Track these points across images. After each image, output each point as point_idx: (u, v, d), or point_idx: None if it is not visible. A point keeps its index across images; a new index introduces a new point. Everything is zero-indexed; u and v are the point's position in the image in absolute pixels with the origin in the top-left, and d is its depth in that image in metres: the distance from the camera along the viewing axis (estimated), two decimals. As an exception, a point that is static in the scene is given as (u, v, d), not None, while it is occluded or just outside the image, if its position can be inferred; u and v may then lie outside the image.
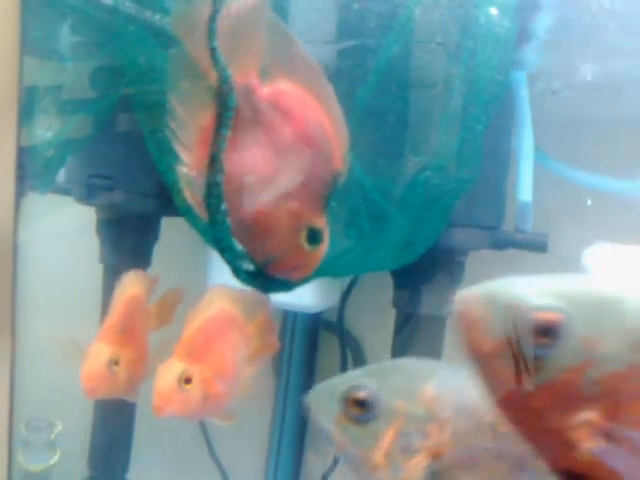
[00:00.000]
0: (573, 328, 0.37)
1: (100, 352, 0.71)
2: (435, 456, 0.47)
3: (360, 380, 0.50)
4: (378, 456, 0.48)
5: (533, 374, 0.37)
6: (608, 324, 0.37)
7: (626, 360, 0.37)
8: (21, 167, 0.64)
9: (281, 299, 0.67)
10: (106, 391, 0.72)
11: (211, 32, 0.52)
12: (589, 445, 0.37)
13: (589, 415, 0.37)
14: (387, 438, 0.48)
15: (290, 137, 0.53)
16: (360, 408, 0.49)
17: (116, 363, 0.72)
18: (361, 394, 0.49)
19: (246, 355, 0.70)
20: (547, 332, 0.37)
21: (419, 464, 0.47)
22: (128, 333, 0.74)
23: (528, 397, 0.37)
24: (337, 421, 0.49)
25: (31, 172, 0.75)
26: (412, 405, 0.48)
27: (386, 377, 0.50)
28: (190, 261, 0.98)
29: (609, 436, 0.37)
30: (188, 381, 0.64)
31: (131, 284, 0.77)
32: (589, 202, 0.88)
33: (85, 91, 0.84)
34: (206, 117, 0.52)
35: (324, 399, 0.50)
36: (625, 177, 0.85)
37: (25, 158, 0.68)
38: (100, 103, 0.83)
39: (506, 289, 0.39)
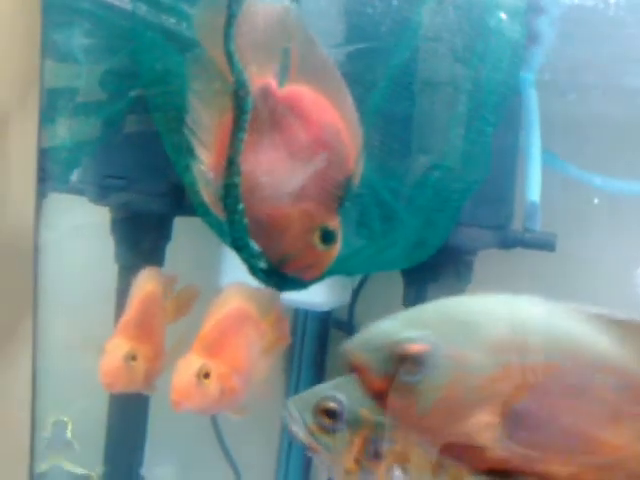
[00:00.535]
0: (438, 350, 0.41)
1: (118, 347, 0.73)
2: (401, 460, 0.50)
3: (330, 392, 0.54)
4: (349, 461, 0.51)
5: (420, 399, 0.41)
6: (467, 338, 0.42)
7: (492, 363, 0.41)
8: (42, 169, 0.66)
9: (293, 297, 0.69)
10: (124, 385, 0.74)
11: (227, 37, 0.53)
12: (491, 446, 0.40)
13: (484, 418, 0.40)
14: (356, 445, 0.51)
15: (305, 139, 0.54)
16: (330, 418, 0.53)
17: (133, 358, 0.74)
18: (331, 405, 0.53)
19: (260, 350, 0.71)
20: (416, 361, 0.41)
21: (388, 467, 0.50)
22: (145, 328, 0.76)
23: (427, 419, 0.42)
24: (311, 430, 0.53)
25: (49, 173, 0.77)
26: (377, 414, 0.51)
27: (353, 389, 0.50)
28: (203, 260, 1.00)
29: (507, 434, 0.40)
30: (206, 376, 0.65)
31: (148, 281, 0.79)
32: (596, 201, 0.89)
33: (100, 94, 0.86)
34: (225, 119, 0.54)
35: (299, 410, 0.54)
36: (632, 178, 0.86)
37: (46, 160, 0.70)
38: (114, 105, 0.85)
39: (376, 332, 0.43)
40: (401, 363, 0.41)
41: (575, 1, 0.80)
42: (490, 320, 0.43)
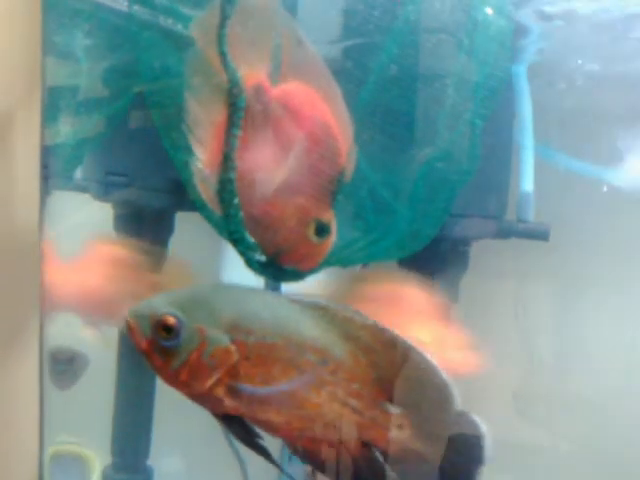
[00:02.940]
0: (186, 323, 0.55)
1: None
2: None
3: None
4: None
5: (172, 359, 0.56)
6: (210, 317, 0.56)
7: (225, 339, 0.55)
8: (45, 166, 0.68)
9: (290, 289, 0.70)
10: None
11: (221, 37, 0.55)
12: (226, 398, 0.56)
13: (217, 378, 0.56)
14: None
15: (298, 135, 0.56)
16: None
17: None
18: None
19: None
20: (169, 330, 0.55)
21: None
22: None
23: (176, 374, 0.56)
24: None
25: (53, 171, 0.78)
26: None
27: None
28: (204, 254, 1.01)
29: (235, 390, 0.56)
30: None
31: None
32: (605, 189, 0.90)
33: (101, 91, 0.87)
34: (220, 116, 0.56)
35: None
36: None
37: (49, 157, 0.72)
38: (115, 103, 0.87)
39: (142, 306, 0.57)
40: (158, 330, 0.55)
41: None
42: (228, 306, 0.57)
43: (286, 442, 0.58)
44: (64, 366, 1.00)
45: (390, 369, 0.56)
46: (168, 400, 0.99)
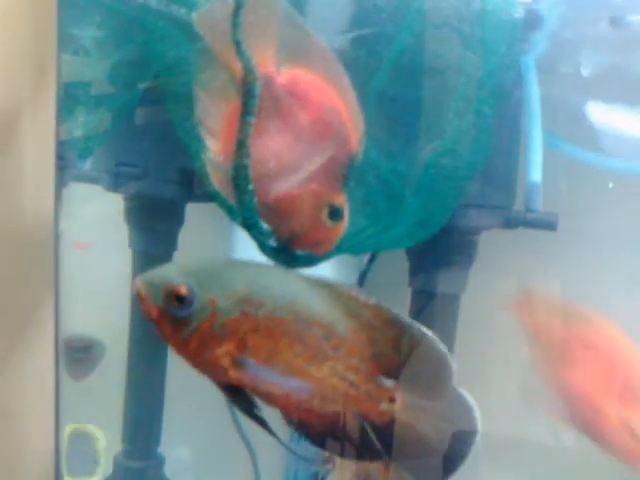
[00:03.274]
0: (198, 294, 0.56)
1: None
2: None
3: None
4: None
5: (182, 328, 0.56)
6: (221, 287, 0.57)
7: (236, 311, 0.57)
8: (61, 158, 0.69)
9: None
10: None
11: (235, 26, 0.56)
12: (230, 368, 0.58)
13: (226, 348, 0.57)
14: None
15: (308, 122, 0.57)
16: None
17: None
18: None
19: None
20: (181, 300, 0.56)
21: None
22: None
23: (185, 343, 0.57)
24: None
25: (66, 163, 0.79)
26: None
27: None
28: (214, 245, 1.03)
29: (240, 362, 0.58)
30: None
31: None
32: (610, 185, 0.90)
33: (112, 83, 0.88)
34: (230, 106, 0.57)
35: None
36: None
37: (63, 149, 0.73)
38: (127, 95, 0.87)
39: (155, 275, 0.58)
40: (171, 299, 0.56)
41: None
42: (241, 279, 0.58)
43: (282, 413, 0.60)
44: (81, 354, 1.01)
45: (388, 345, 0.58)
46: (179, 389, 1.00)
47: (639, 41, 0.84)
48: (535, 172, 0.84)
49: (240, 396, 0.59)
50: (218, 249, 1.00)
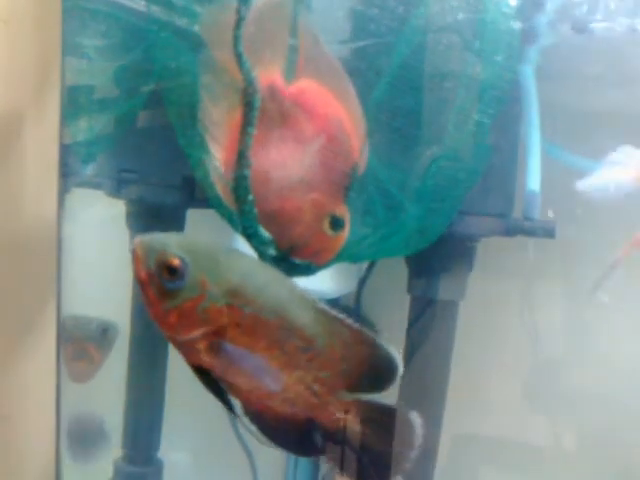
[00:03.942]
0: (190, 272, 0.55)
1: None
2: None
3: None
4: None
5: (166, 299, 0.55)
6: (216, 273, 0.56)
7: (223, 300, 0.56)
8: (64, 164, 0.69)
9: (300, 285, 0.72)
10: None
11: (237, 38, 0.56)
12: (204, 352, 0.57)
13: (202, 331, 0.56)
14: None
15: (312, 133, 0.57)
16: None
17: None
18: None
19: None
20: (172, 271, 0.55)
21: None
22: None
23: (165, 315, 0.56)
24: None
25: (69, 168, 0.80)
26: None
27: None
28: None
29: (217, 348, 0.57)
30: None
31: None
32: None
33: (114, 90, 0.89)
34: (235, 115, 0.57)
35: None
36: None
37: (66, 155, 0.73)
38: (129, 101, 0.88)
39: (155, 240, 0.57)
40: (162, 268, 0.55)
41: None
42: (236, 270, 0.57)
43: (242, 403, 0.61)
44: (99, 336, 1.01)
45: (358, 363, 0.60)
46: (178, 395, 1.01)
47: None
48: (533, 181, 0.85)
49: (210, 379, 0.59)
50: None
